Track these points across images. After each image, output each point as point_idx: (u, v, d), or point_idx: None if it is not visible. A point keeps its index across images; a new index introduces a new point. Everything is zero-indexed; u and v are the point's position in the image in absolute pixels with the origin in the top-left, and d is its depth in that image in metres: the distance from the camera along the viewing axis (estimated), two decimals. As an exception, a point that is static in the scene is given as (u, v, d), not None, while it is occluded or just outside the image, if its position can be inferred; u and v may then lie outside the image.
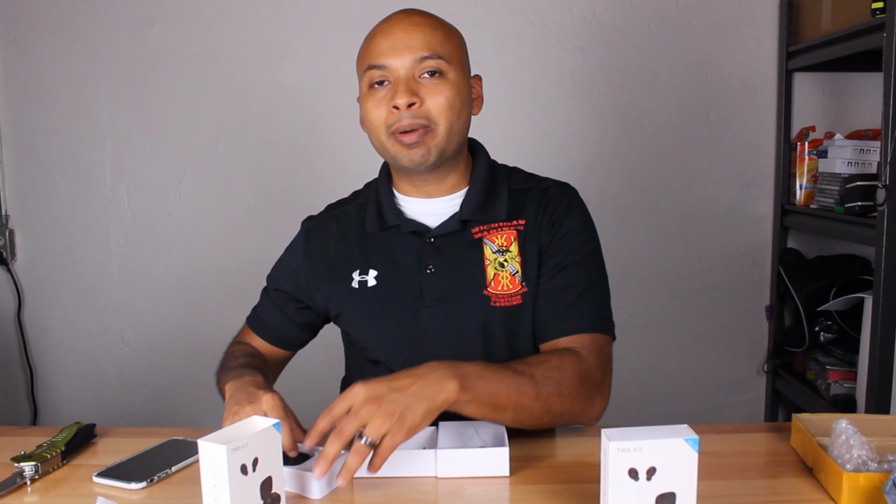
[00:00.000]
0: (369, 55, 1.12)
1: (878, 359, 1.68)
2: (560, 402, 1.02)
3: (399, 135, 1.10)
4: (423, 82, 1.10)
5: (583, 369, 1.05)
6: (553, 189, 1.21)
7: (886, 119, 1.60)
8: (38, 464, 0.99)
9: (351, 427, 0.88)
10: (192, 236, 2.37)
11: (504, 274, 1.15)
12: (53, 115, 2.35)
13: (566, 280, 1.14)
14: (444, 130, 1.11)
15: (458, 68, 1.13)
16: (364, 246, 1.21)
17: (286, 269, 1.28)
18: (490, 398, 0.96)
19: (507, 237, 1.16)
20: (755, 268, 2.34)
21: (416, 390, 0.91)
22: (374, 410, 0.88)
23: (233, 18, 2.28)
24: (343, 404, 0.90)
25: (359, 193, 1.30)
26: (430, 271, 1.16)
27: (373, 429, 0.87)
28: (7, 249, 2.39)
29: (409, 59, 1.09)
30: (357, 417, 0.88)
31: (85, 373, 2.45)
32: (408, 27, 1.11)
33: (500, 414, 0.99)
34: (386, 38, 1.11)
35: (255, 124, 2.32)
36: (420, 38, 1.10)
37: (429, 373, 0.93)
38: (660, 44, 2.26)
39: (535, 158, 2.26)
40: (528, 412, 1.00)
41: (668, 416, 2.34)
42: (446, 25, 1.16)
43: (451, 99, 1.11)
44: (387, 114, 1.11)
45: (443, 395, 0.92)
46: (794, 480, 0.95)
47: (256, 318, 1.30)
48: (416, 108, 1.09)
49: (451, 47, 1.13)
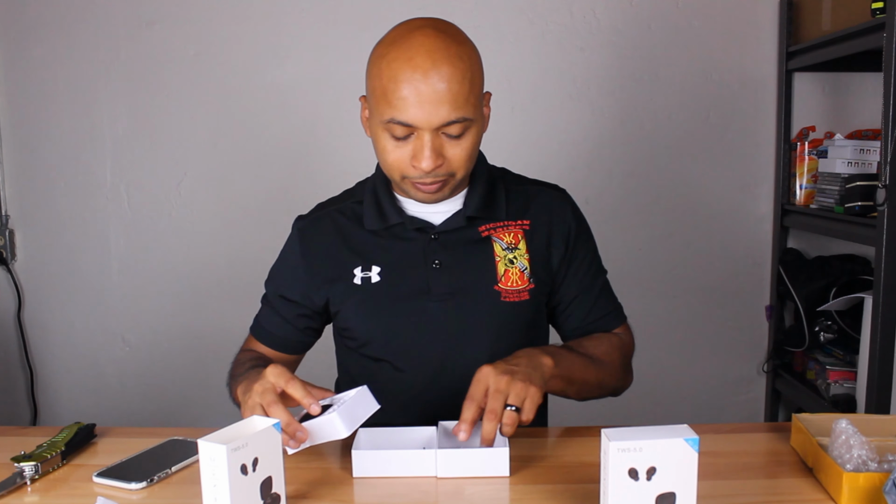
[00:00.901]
0: (394, 105, 1.04)
1: (878, 359, 1.68)
2: (610, 378, 1.21)
3: (417, 183, 1.11)
4: (446, 139, 1.07)
5: (624, 350, 1.26)
6: (554, 194, 1.27)
7: (886, 119, 1.60)
8: (38, 464, 0.99)
9: (499, 403, 0.96)
10: (192, 236, 2.37)
11: (514, 270, 1.18)
12: (53, 115, 2.35)
13: (593, 286, 1.25)
14: (462, 176, 1.13)
15: (479, 114, 1.10)
16: (365, 243, 1.21)
17: (284, 272, 1.27)
18: (569, 373, 1.10)
19: (514, 235, 1.20)
20: (755, 268, 2.34)
21: (527, 362, 1.03)
22: (509, 382, 0.97)
23: (233, 18, 2.28)
24: (480, 387, 0.99)
25: (352, 192, 1.29)
26: (437, 266, 1.17)
27: (515, 396, 0.97)
28: (7, 249, 2.39)
29: (437, 121, 1.04)
30: (500, 392, 0.97)
31: (85, 373, 2.45)
32: (435, 84, 1.02)
33: (571, 387, 1.12)
34: (412, 92, 1.02)
35: (255, 124, 2.32)
36: (448, 100, 1.03)
37: (528, 352, 1.06)
38: (660, 44, 2.26)
39: (535, 158, 2.26)
40: (588, 386, 1.16)
41: (668, 416, 2.34)
42: (471, 65, 1.06)
43: (472, 150, 1.10)
44: (406, 164, 1.08)
45: (545, 367, 1.04)
46: (794, 480, 0.95)
47: (259, 327, 1.29)
48: (438, 169, 1.08)
49: (475, 97, 1.07)
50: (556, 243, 1.21)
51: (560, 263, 1.22)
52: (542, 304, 1.22)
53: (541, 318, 1.24)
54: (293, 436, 0.93)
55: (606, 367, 1.18)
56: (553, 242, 1.21)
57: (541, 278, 1.20)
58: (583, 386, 1.14)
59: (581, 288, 1.24)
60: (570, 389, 1.13)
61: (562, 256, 1.22)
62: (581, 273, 1.24)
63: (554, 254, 1.21)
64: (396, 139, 1.07)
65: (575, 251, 1.23)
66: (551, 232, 1.21)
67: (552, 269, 1.22)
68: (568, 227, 1.23)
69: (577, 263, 1.24)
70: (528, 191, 1.25)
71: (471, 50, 1.09)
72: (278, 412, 0.93)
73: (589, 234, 1.28)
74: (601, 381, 1.18)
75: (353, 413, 0.95)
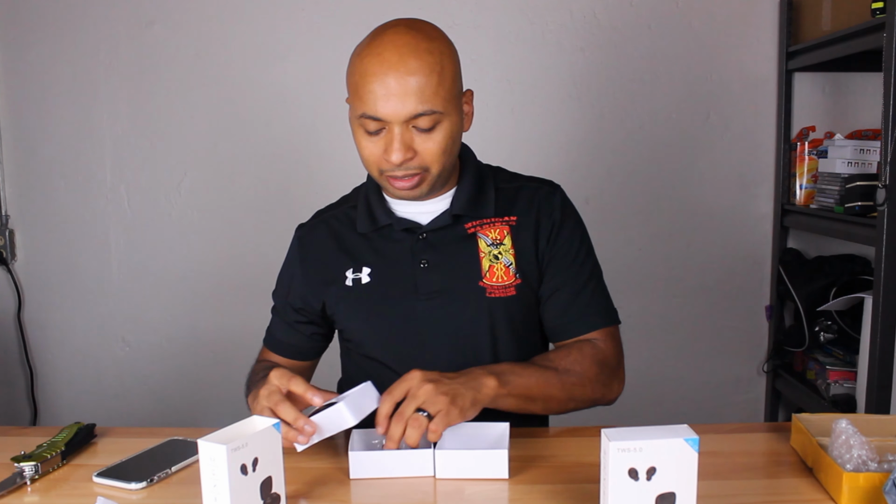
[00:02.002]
0: (364, 100, 1.07)
1: (878, 359, 1.68)
2: (582, 390, 1.14)
3: (392, 179, 1.12)
4: (416, 133, 1.08)
5: (600, 358, 1.17)
6: (543, 188, 1.25)
7: (886, 119, 1.60)
8: (38, 464, 0.99)
9: (410, 408, 0.96)
10: (192, 236, 2.37)
11: (499, 266, 1.18)
12: (53, 115, 2.35)
13: (575, 282, 1.21)
14: (437, 172, 1.13)
15: (451, 109, 1.10)
16: (356, 246, 1.23)
17: (287, 280, 1.30)
18: (523, 391, 1.07)
19: (500, 231, 1.20)
20: (755, 268, 2.34)
21: (464, 381, 1.01)
22: (430, 390, 0.97)
23: (233, 18, 2.28)
24: (402, 387, 0.98)
25: (348, 198, 1.31)
26: (424, 266, 1.18)
27: (430, 405, 0.96)
28: (7, 249, 2.39)
29: (404, 114, 1.06)
30: (415, 399, 0.97)
31: (85, 373, 2.45)
32: (402, 77, 1.04)
33: (532, 404, 1.10)
34: (381, 86, 1.05)
35: (255, 124, 2.32)
36: (415, 92, 1.05)
37: (470, 371, 1.05)
38: (660, 44, 2.26)
39: (535, 158, 2.26)
40: (555, 401, 1.12)
41: (668, 416, 2.34)
42: (441, 59, 1.07)
43: (445, 145, 1.10)
44: (381, 159, 1.10)
45: (485, 389, 1.03)
46: (794, 480, 0.95)
47: (271, 337, 1.32)
48: (409, 162, 1.09)
49: (446, 90, 1.08)
50: (542, 236, 1.20)
51: (543, 255, 1.21)
52: (531, 300, 1.21)
53: (530, 313, 1.23)
54: (302, 430, 0.94)
55: (576, 378, 1.13)
56: (540, 237, 1.21)
57: (528, 274, 1.19)
58: (548, 402, 1.11)
59: (561, 281, 1.20)
60: (533, 406, 1.10)
61: (545, 248, 1.20)
62: (564, 265, 1.20)
63: (540, 248, 1.21)
64: (369, 134, 1.10)
65: (557, 242, 1.21)
66: (538, 226, 1.21)
67: (539, 263, 1.21)
68: (553, 221, 1.21)
69: (560, 255, 1.21)
70: (519, 187, 1.25)
71: (443, 45, 1.10)
72: (285, 410, 0.95)
73: (576, 227, 1.24)
74: (570, 394, 1.13)
75: (358, 403, 0.96)
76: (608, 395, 1.19)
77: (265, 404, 0.98)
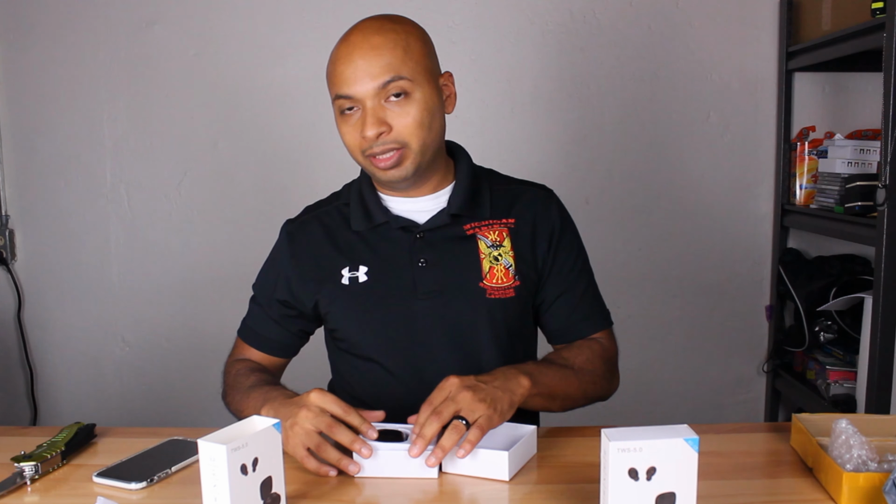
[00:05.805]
0: (335, 83, 1.11)
1: (878, 359, 1.68)
2: (594, 387, 1.19)
3: (374, 158, 1.12)
4: (389, 106, 1.09)
5: (606, 357, 1.23)
6: (539, 193, 1.27)
7: (886, 119, 1.60)
8: (38, 464, 0.99)
9: (449, 410, 0.96)
10: (192, 236, 2.37)
11: (499, 267, 1.19)
12: (53, 115, 2.35)
13: (577, 286, 1.24)
14: (418, 147, 1.12)
15: (423, 81, 1.11)
16: (352, 244, 1.22)
17: (273, 275, 1.28)
18: (549, 390, 1.10)
19: (499, 233, 1.21)
20: (755, 268, 2.34)
21: (500, 384, 1.01)
22: (469, 396, 0.97)
23: (233, 19, 2.28)
24: (441, 394, 0.99)
25: (338, 195, 1.30)
26: (422, 265, 1.18)
27: (469, 411, 0.96)
28: (7, 249, 2.39)
29: (372, 87, 1.08)
30: (454, 402, 0.97)
31: (85, 373, 2.45)
32: (367, 52, 1.08)
33: (553, 403, 1.12)
34: (348, 66, 1.09)
35: (255, 124, 2.32)
36: (380, 64, 1.08)
37: (505, 371, 1.05)
38: (660, 44, 2.26)
39: (535, 158, 2.27)
40: (571, 399, 1.16)
41: (668, 416, 2.34)
42: (407, 37, 1.11)
43: (420, 117, 1.10)
44: (360, 139, 1.11)
45: (520, 390, 1.03)
46: (794, 480, 0.95)
47: (249, 329, 1.30)
48: (385, 136, 1.10)
49: (414, 62, 1.10)
50: (541, 241, 1.22)
51: (544, 262, 1.22)
52: (528, 302, 1.23)
53: (525, 315, 1.24)
54: (360, 451, 0.95)
55: (589, 376, 1.18)
56: (538, 241, 1.22)
57: (526, 276, 1.20)
58: (566, 400, 1.15)
59: (565, 287, 1.23)
60: (554, 405, 1.13)
61: (546, 255, 1.22)
62: (565, 272, 1.23)
63: (538, 252, 1.22)
64: (346, 116, 1.12)
65: (559, 250, 1.23)
66: (536, 230, 1.22)
67: (537, 267, 1.22)
68: (552, 226, 1.23)
69: (562, 262, 1.23)
70: (514, 190, 1.26)
71: (410, 27, 1.14)
72: (342, 434, 0.96)
73: (574, 233, 1.27)
74: (585, 391, 1.17)
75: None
76: (611, 390, 1.25)
77: (309, 427, 0.96)
